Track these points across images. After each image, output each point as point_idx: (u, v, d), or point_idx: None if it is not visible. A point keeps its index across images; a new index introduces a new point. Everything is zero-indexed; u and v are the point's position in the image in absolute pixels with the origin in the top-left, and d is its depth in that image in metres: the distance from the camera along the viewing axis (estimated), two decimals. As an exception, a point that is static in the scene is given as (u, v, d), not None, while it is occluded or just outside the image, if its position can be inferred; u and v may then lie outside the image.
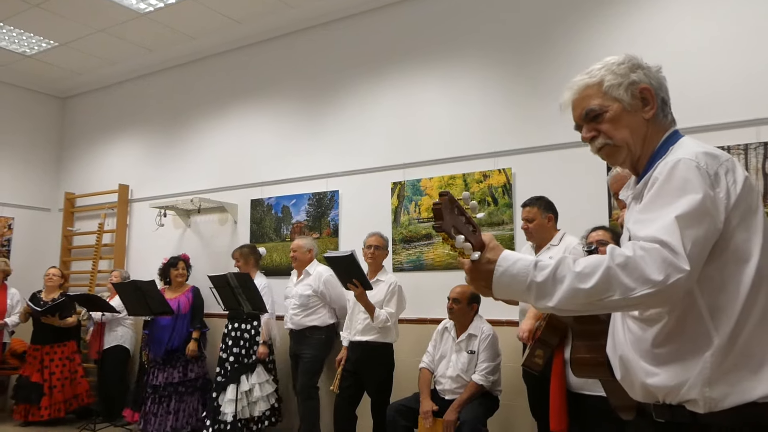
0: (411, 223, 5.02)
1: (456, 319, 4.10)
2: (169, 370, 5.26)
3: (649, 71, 1.57)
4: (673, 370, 1.38)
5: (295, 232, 5.69)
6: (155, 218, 6.37)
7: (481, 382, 3.88)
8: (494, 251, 1.37)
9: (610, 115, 1.54)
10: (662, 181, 1.39)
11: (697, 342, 1.36)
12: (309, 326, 4.78)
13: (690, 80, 3.90)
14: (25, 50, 6.75)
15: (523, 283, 1.33)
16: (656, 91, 1.56)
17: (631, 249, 1.30)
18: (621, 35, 4.29)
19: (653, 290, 1.27)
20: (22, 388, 5.93)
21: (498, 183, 4.65)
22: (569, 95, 1.63)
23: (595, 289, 1.29)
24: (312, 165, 5.67)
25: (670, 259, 1.27)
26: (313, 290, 4.80)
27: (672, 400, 1.39)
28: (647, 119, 1.55)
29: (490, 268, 1.35)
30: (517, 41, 4.74)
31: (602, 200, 4.18)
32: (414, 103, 5.17)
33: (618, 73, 1.55)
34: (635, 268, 1.27)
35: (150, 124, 7.09)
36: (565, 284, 1.31)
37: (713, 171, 1.38)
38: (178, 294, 5.52)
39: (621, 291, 1.28)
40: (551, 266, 1.33)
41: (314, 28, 5.88)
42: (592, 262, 1.32)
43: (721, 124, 3.81)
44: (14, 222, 7.41)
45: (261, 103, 6.18)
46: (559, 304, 1.32)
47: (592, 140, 1.59)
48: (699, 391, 1.34)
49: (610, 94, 1.55)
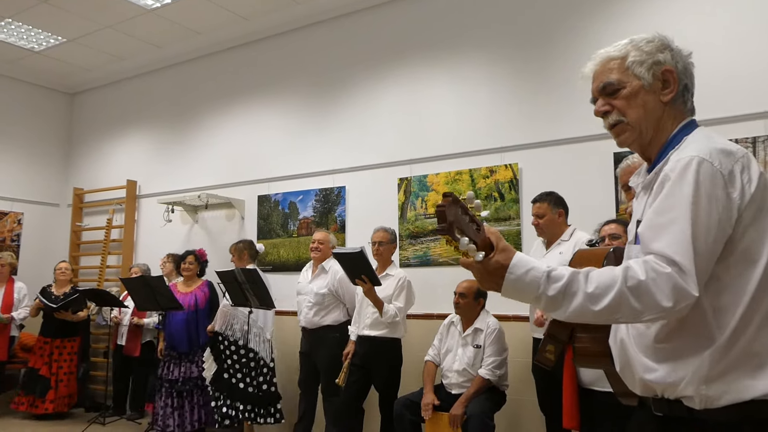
0: (418, 219, 5.02)
1: (462, 314, 4.11)
2: (186, 365, 5.22)
3: (678, 54, 1.54)
4: (672, 367, 1.38)
5: (301, 228, 5.71)
6: (163, 214, 6.41)
7: (488, 377, 3.89)
8: (505, 254, 1.35)
9: (627, 92, 1.51)
10: (674, 182, 1.36)
11: (698, 340, 1.36)
12: (323, 326, 4.72)
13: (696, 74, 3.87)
14: (34, 46, 6.79)
15: (533, 293, 1.34)
16: (679, 75, 1.52)
17: (643, 271, 1.29)
18: (627, 30, 4.24)
19: (659, 315, 1.31)
20: (29, 380, 5.98)
21: (504, 178, 4.65)
22: (591, 66, 1.59)
23: (605, 310, 1.31)
24: (319, 161, 5.69)
25: (681, 286, 1.27)
26: (328, 288, 4.73)
27: (669, 395, 1.39)
28: (665, 102, 1.51)
29: (502, 273, 1.35)
30: (523, 37, 4.74)
31: (609, 194, 4.18)
32: (420, 99, 5.18)
33: (644, 50, 1.51)
34: (646, 294, 1.28)
35: (158, 120, 7.13)
36: (575, 302, 1.32)
37: (728, 170, 1.35)
38: (192, 288, 5.43)
39: (629, 314, 1.31)
40: (563, 281, 1.32)
41: (321, 24, 5.88)
42: (605, 281, 1.31)
43: (728, 117, 3.80)
44: (24, 217, 7.47)
45: (268, 99, 6.19)
46: (567, 318, 1.35)
47: (605, 115, 1.55)
48: (695, 389, 1.34)
49: (631, 70, 1.51)
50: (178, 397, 5.16)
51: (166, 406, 5.15)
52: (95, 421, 5.73)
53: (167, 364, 5.25)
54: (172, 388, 5.18)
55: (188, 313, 5.25)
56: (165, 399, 5.17)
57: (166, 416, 5.13)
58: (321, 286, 4.76)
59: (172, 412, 5.13)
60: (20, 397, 6.02)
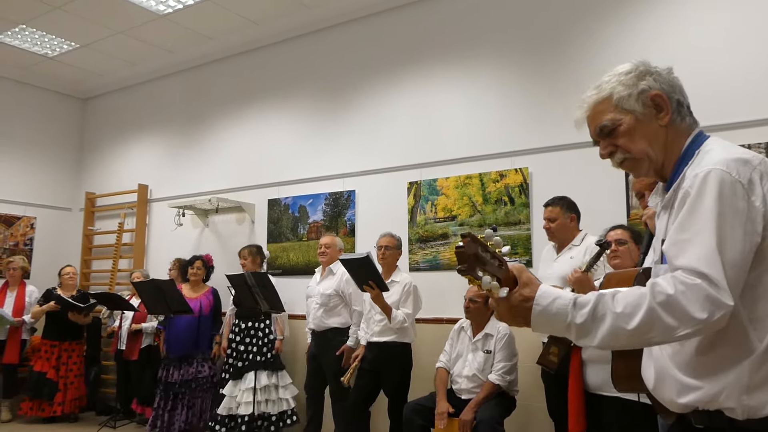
0: (427, 223, 5.02)
1: (473, 319, 4.10)
2: (185, 368, 5.30)
3: (659, 75, 1.52)
4: (711, 382, 1.35)
5: (311, 232, 5.72)
6: (174, 218, 6.44)
7: (498, 382, 3.87)
8: (530, 288, 1.35)
9: (624, 129, 1.50)
10: (695, 197, 1.34)
11: (738, 350, 1.33)
12: (331, 328, 4.75)
13: (708, 78, 3.86)
14: (47, 52, 6.86)
15: (562, 322, 1.33)
16: (669, 95, 1.50)
17: (672, 285, 1.27)
18: (638, 35, 4.26)
19: (696, 329, 1.26)
20: (36, 384, 5.99)
21: (515, 182, 4.64)
22: (581, 113, 1.60)
23: (637, 330, 1.28)
24: (328, 165, 5.70)
25: (713, 296, 1.24)
26: (334, 289, 4.77)
27: (710, 406, 1.36)
28: (664, 125, 1.49)
29: (528, 306, 1.34)
30: (534, 41, 4.73)
31: (620, 199, 4.16)
32: (431, 103, 5.17)
33: (627, 84, 1.50)
34: (677, 307, 1.25)
35: (169, 125, 7.17)
36: (606, 325, 1.30)
37: (746, 179, 1.32)
38: (198, 294, 5.53)
39: (663, 331, 1.27)
40: (590, 305, 1.31)
41: (331, 29, 5.90)
42: (632, 300, 1.29)
43: (741, 123, 3.76)
44: (36, 221, 7.53)
45: (278, 103, 6.22)
46: (600, 344, 1.33)
47: (611, 155, 1.55)
48: (737, 399, 1.31)
49: (621, 107, 1.50)
50: (173, 399, 5.26)
51: (158, 408, 5.26)
52: (106, 425, 5.76)
53: (167, 367, 5.34)
54: (170, 390, 5.27)
55: (192, 318, 5.33)
56: (160, 401, 5.28)
57: (157, 417, 5.24)
58: (327, 287, 4.81)
59: (163, 414, 5.23)
60: (27, 402, 6.02)
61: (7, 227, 7.27)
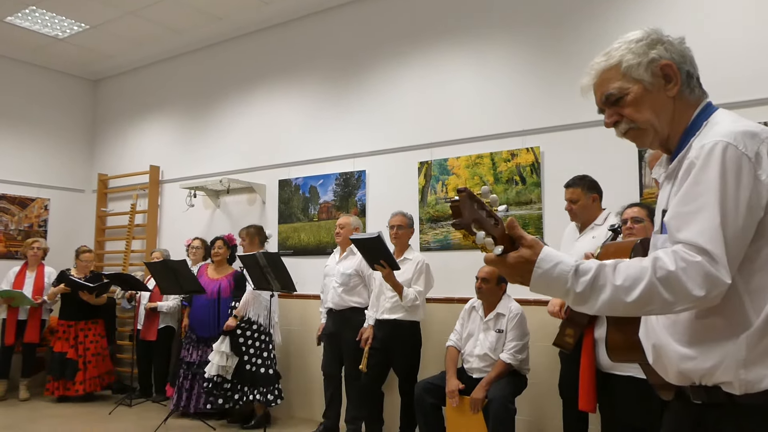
0: (438, 203, 5.01)
1: (484, 298, 4.10)
2: (203, 348, 5.34)
3: (670, 45, 1.48)
4: (708, 352, 1.35)
5: (322, 212, 5.73)
6: (185, 199, 6.47)
7: (509, 361, 3.89)
8: (533, 249, 1.34)
9: (631, 98, 1.47)
10: (700, 168, 1.33)
11: (734, 323, 1.33)
12: (350, 307, 4.73)
13: (724, 55, 3.79)
14: (58, 33, 6.86)
15: (561, 288, 1.34)
16: (679, 66, 1.47)
17: (673, 261, 1.28)
18: (652, 8, 4.19)
19: (693, 304, 1.29)
20: (57, 364, 6.09)
21: (526, 162, 4.61)
22: (588, 80, 1.56)
23: (635, 303, 1.29)
24: (339, 145, 5.69)
25: (713, 274, 1.26)
26: (355, 269, 4.76)
27: (707, 381, 1.37)
28: (672, 96, 1.47)
29: (529, 268, 1.34)
30: (546, 17, 4.66)
31: (633, 178, 4.12)
32: (441, 82, 5.13)
33: (636, 52, 1.47)
34: (677, 284, 1.27)
35: (179, 106, 7.17)
36: (605, 295, 1.31)
37: (753, 152, 1.31)
38: (220, 276, 5.48)
39: (661, 305, 1.29)
40: (590, 275, 1.31)
41: (341, 8, 5.85)
42: (633, 273, 1.30)
43: (756, 100, 3.71)
44: (50, 203, 7.60)
45: (288, 83, 6.19)
46: (597, 312, 1.35)
47: (615, 124, 1.53)
48: (734, 373, 1.32)
49: (630, 75, 1.47)
50: (192, 379, 5.33)
51: (181, 388, 5.35)
52: (122, 403, 5.85)
53: (188, 346, 5.40)
54: (189, 370, 5.34)
55: (211, 300, 5.33)
56: (182, 381, 5.36)
57: (181, 398, 5.33)
58: (348, 267, 4.80)
59: (185, 393, 5.32)
60: (52, 382, 6.12)
61: (21, 209, 7.35)
